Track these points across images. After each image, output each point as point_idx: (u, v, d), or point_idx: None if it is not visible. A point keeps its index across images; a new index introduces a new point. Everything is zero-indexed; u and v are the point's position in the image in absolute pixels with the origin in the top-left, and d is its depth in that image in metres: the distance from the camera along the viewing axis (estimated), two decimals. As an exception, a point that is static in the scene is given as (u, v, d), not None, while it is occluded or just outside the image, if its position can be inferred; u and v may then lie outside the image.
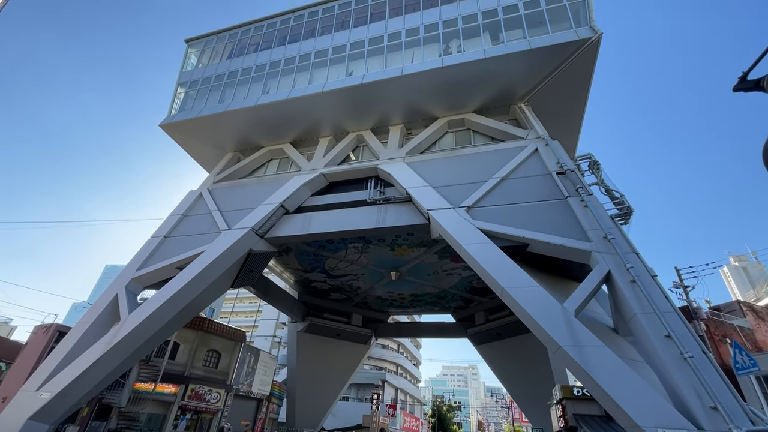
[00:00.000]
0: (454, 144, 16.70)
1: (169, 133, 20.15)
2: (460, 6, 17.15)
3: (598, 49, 14.39)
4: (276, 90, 18.42)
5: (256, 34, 21.24)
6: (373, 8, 19.14)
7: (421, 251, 19.05)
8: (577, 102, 16.68)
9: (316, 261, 21.16)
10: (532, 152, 13.85)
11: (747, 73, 2.85)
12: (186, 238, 16.17)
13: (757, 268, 73.75)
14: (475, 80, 15.87)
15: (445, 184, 13.98)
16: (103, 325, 13.44)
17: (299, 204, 16.55)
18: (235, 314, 61.27)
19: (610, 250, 9.93)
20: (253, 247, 15.45)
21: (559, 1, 15.39)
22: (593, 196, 11.56)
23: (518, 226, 11.56)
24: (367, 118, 17.96)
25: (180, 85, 21.06)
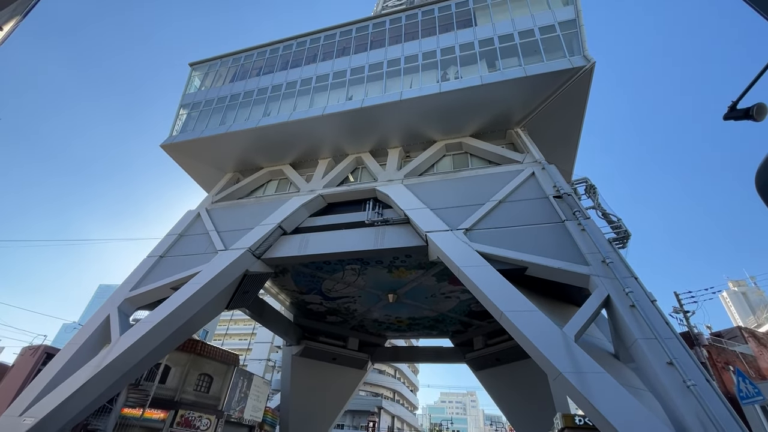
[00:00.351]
0: (452, 167, 16.88)
1: (170, 153, 20.33)
2: (457, 35, 17.74)
3: (591, 76, 14.81)
4: (277, 113, 18.75)
5: (258, 58, 21.81)
6: (373, 36, 19.77)
7: (419, 273, 18.91)
8: (573, 127, 17.02)
9: (312, 282, 20.94)
10: (529, 176, 14.00)
11: (736, 103, 2.93)
12: (182, 258, 16.04)
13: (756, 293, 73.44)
14: (472, 105, 16.23)
15: (443, 207, 14.04)
16: (93, 347, 13.11)
17: (297, 225, 16.53)
18: (229, 336, 60.02)
19: (609, 275, 9.89)
20: (249, 268, 15.31)
21: (552, 31, 15.95)
22: (590, 219, 11.61)
23: (516, 249, 11.55)
24: (366, 140, 18.22)
25: (182, 107, 21.42)
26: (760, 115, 2.83)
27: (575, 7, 16.15)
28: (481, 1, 18.37)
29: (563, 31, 15.75)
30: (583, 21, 15.69)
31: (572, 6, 16.32)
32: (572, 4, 16.39)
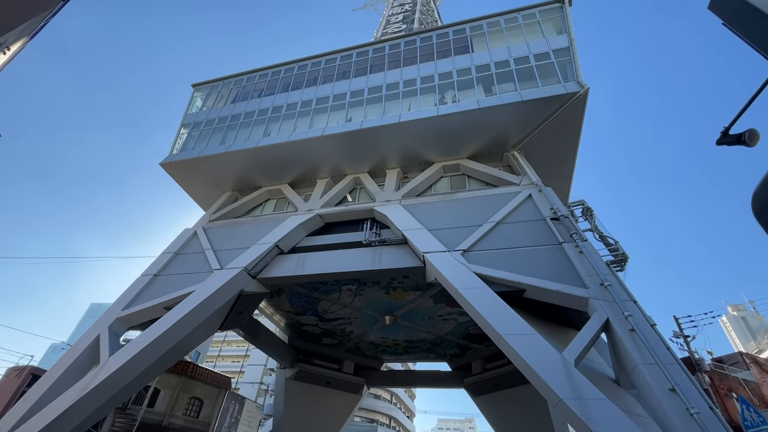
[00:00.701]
0: (450, 188, 17.00)
1: (169, 171, 20.42)
2: (454, 60, 18.24)
3: (585, 101, 15.16)
4: (277, 133, 18.98)
5: (260, 81, 22.26)
6: (373, 60, 20.30)
7: (416, 295, 18.71)
8: (568, 150, 17.29)
9: (308, 303, 20.64)
10: (526, 198, 14.09)
11: (728, 129, 3.00)
12: (177, 277, 15.84)
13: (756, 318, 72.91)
14: (469, 128, 16.50)
15: (441, 228, 14.04)
16: (81, 368, 12.75)
17: (294, 244, 16.45)
18: (222, 358, 58.64)
19: (608, 298, 9.81)
20: (244, 288, 15.11)
21: (547, 58, 16.43)
22: (588, 242, 11.62)
23: (514, 271, 11.48)
24: (365, 161, 18.40)
25: (183, 126, 21.67)
26: (752, 141, 2.88)
27: (569, 36, 16.72)
28: (478, 29, 19.00)
29: (557, 59, 16.23)
30: (577, 49, 16.20)
31: (566, 35, 16.89)
32: (566, 33, 16.97)
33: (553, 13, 18.09)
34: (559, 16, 17.82)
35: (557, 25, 17.78)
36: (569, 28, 16.95)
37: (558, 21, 17.81)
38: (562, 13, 17.75)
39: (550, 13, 18.17)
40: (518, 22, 18.37)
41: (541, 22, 17.92)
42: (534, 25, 18.05)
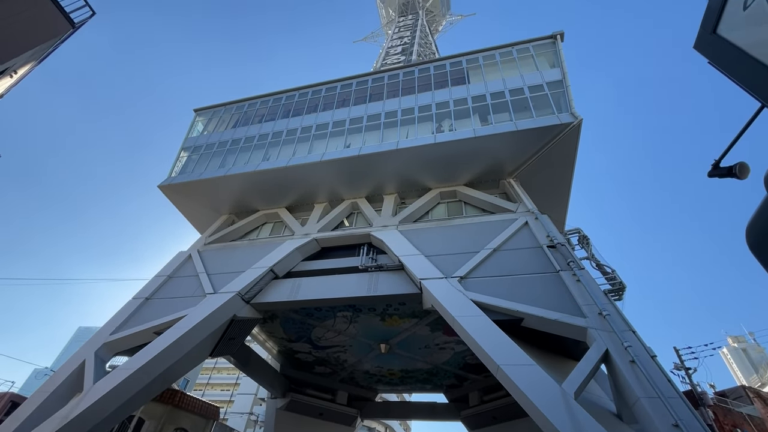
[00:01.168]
0: (447, 214, 17.06)
1: (167, 193, 20.44)
2: (451, 91, 18.77)
3: (579, 132, 15.52)
4: (276, 157, 19.19)
5: (262, 107, 22.74)
6: (372, 89, 20.86)
7: (412, 322, 18.37)
8: (563, 179, 17.53)
9: (302, 330, 20.18)
10: (522, 225, 14.14)
11: (719, 161, 3.07)
12: (169, 300, 15.53)
13: (757, 350, 71.93)
14: (465, 156, 16.78)
15: (438, 254, 13.98)
16: (64, 396, 12.22)
17: (290, 269, 16.27)
18: (211, 386, 56.65)
19: (606, 328, 9.67)
20: (237, 313, 14.80)
21: (541, 90, 16.95)
22: (585, 270, 11.58)
23: (512, 299, 11.36)
24: (363, 186, 18.54)
25: (183, 149, 21.89)
26: (743, 174, 2.94)
27: (561, 69, 17.34)
28: (474, 62, 19.69)
29: (551, 90, 16.74)
30: (570, 82, 16.76)
31: (558, 68, 17.51)
32: (558, 66, 17.61)
33: (546, 48, 18.83)
34: (552, 51, 18.55)
35: (550, 59, 18.47)
36: (562, 62, 17.61)
37: (551, 55, 18.52)
38: (554, 49, 18.49)
39: (543, 48, 18.92)
40: (513, 56, 19.08)
41: (534, 56, 18.62)
42: (528, 59, 18.74)
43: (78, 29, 8.84)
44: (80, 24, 9.20)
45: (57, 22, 8.55)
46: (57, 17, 8.60)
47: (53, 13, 8.43)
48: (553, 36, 18.87)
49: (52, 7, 8.31)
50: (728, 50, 2.81)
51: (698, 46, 3.23)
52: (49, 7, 8.19)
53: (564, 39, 18.61)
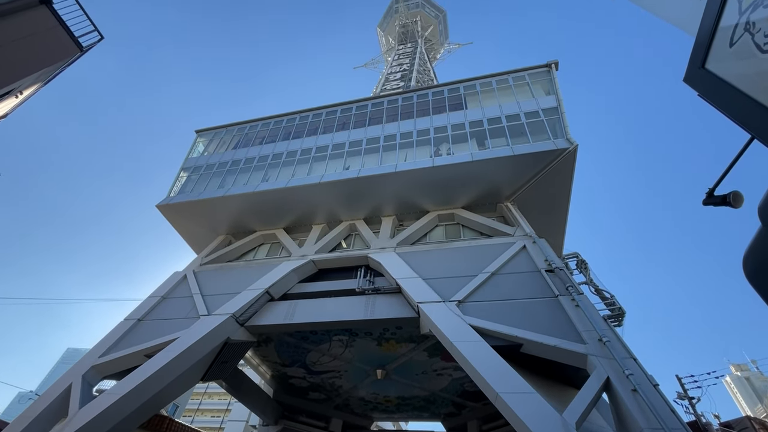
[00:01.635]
0: (444, 237, 17.06)
1: (165, 213, 20.41)
2: (449, 116, 19.16)
3: (575, 157, 15.75)
4: (276, 179, 19.32)
5: (263, 129, 23.07)
6: (371, 114, 21.27)
7: (409, 347, 18.01)
8: (560, 203, 17.67)
9: (297, 354, 19.73)
10: (520, 249, 14.13)
11: (713, 190, 3.12)
12: (162, 322, 15.23)
13: (760, 378, 70.64)
14: (463, 179, 16.94)
15: (436, 277, 13.88)
16: (48, 421, 11.78)
17: (286, 290, 16.07)
18: (201, 412, 54.80)
19: (607, 355, 9.50)
20: (231, 336, 14.49)
21: (537, 116, 17.32)
22: (584, 295, 11.49)
23: (511, 324, 11.20)
24: (361, 208, 18.60)
25: (183, 170, 22.03)
26: (737, 203, 2.98)
27: (556, 97, 17.78)
28: (471, 89, 20.20)
29: (547, 117, 17.11)
30: (565, 108, 17.15)
31: (554, 96, 17.96)
32: (553, 94, 18.07)
33: (541, 76, 19.39)
34: (547, 78, 19.09)
35: (545, 86, 18.98)
36: (557, 89, 18.08)
37: (546, 83, 19.04)
38: (549, 77, 19.03)
39: (538, 76, 19.48)
40: (509, 83, 19.60)
41: (530, 84, 19.14)
42: (524, 86, 19.25)
43: (85, 53, 9.09)
44: (88, 48, 9.45)
45: (65, 45, 8.80)
46: (65, 41, 8.86)
47: (62, 37, 8.70)
48: (548, 65, 19.47)
49: (61, 31, 8.58)
50: (717, 84, 2.91)
51: (688, 80, 3.34)
52: (59, 32, 8.46)
53: (558, 67, 19.18)
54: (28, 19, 7.92)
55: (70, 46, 8.81)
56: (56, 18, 8.74)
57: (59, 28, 8.71)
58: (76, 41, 9.06)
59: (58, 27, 8.70)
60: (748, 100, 2.56)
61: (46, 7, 8.46)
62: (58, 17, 8.81)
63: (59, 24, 8.75)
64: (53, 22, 8.65)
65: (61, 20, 8.89)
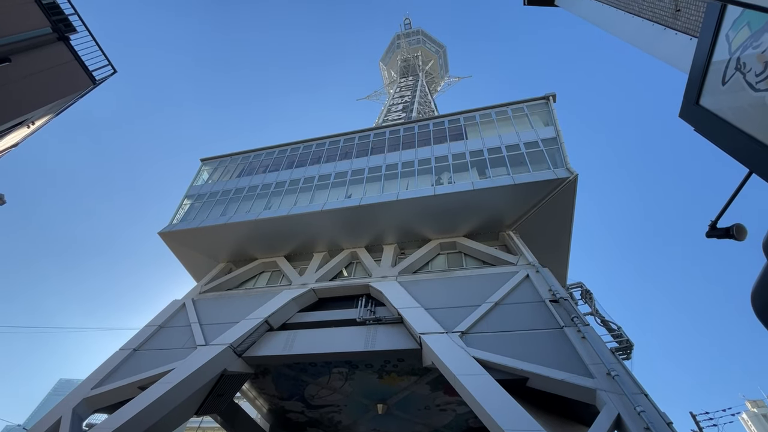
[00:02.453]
0: (447, 266, 16.92)
1: (167, 240, 20.43)
2: (450, 146, 19.51)
3: (575, 186, 15.86)
4: (278, 207, 19.45)
5: (267, 158, 23.48)
6: (374, 144, 21.69)
7: (411, 381, 17.42)
8: (562, 232, 17.62)
9: (295, 387, 19.10)
10: (524, 278, 13.96)
11: (715, 222, 3.12)
12: (157, 352, 14.88)
13: (779, 416, 67.53)
14: (464, 208, 17.01)
15: (438, 306, 13.65)
16: (32, 459, 11.27)
17: (285, 320, 15.79)
18: (193, 449, 52.26)
19: (616, 390, 9.16)
20: (228, 367, 14.09)
21: (536, 146, 17.61)
22: (590, 326, 11.22)
23: (515, 356, 10.88)
24: (363, 236, 18.58)
25: (187, 197, 22.24)
26: (740, 235, 2.97)
27: (555, 127, 18.15)
28: (471, 120, 20.67)
29: (546, 147, 17.38)
30: (564, 139, 17.45)
31: (552, 126, 18.34)
32: (552, 125, 18.45)
33: (539, 108, 19.88)
34: (546, 110, 19.56)
35: (544, 118, 19.42)
36: (555, 121, 18.49)
37: (545, 114, 19.50)
38: (547, 108, 19.51)
39: (537, 107, 19.98)
40: (508, 115, 20.08)
41: (529, 115, 19.60)
42: (522, 118, 19.70)
43: (98, 86, 9.44)
44: (101, 81, 9.85)
45: (79, 79, 9.17)
46: (80, 74, 9.24)
47: (77, 70, 9.08)
48: (546, 97, 20.01)
49: (76, 65, 8.97)
50: (712, 120, 2.98)
51: (683, 116, 3.42)
52: (74, 66, 8.84)
53: (556, 100, 19.69)
54: (46, 54, 8.30)
55: (84, 80, 9.18)
56: (72, 53, 9.18)
57: (74, 62, 9.12)
58: (89, 75, 9.46)
59: (73, 61, 9.11)
60: (743, 136, 2.61)
61: (63, 44, 8.92)
62: (74, 52, 9.25)
63: (75, 59, 9.18)
64: (69, 56, 9.07)
65: (77, 55, 9.33)
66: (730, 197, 2.95)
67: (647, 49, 4.89)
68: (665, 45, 4.29)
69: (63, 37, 9.01)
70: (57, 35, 8.74)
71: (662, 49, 4.35)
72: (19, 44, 7.56)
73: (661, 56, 4.37)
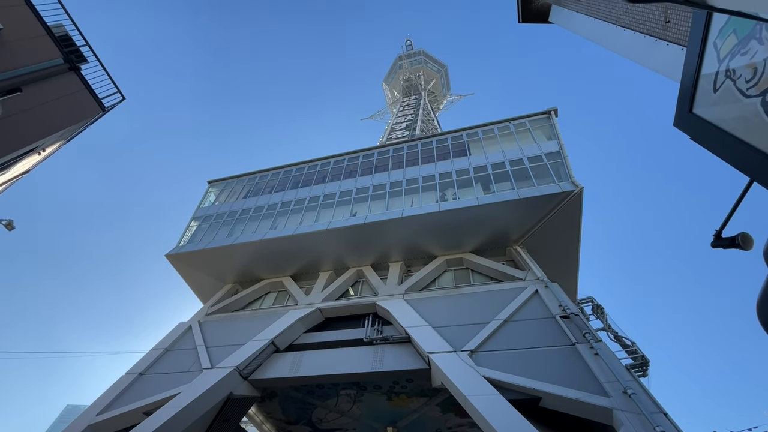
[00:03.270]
0: (454, 282, 16.71)
1: (174, 263, 20.53)
2: (453, 162, 19.58)
3: (581, 199, 15.72)
4: (284, 226, 19.53)
5: (272, 178, 23.76)
6: (378, 162, 21.86)
7: (421, 402, 16.96)
8: (570, 246, 17.37)
9: (302, 410, 18.69)
10: (533, 294, 13.70)
11: (720, 232, 3.03)
12: (164, 376, 14.73)
13: (810, 435, 64.01)
14: (470, 224, 16.91)
15: (446, 324, 13.40)
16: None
17: (291, 341, 15.61)
18: (200, 477, 50.92)
19: (634, 409, 8.79)
20: (234, 390, 13.88)
21: (540, 160, 17.59)
22: (602, 342, 10.90)
23: (527, 375, 10.56)
24: (368, 254, 18.50)
25: (194, 219, 22.47)
26: (746, 245, 2.88)
27: (558, 141, 18.15)
28: (474, 136, 20.80)
29: (550, 161, 17.36)
30: (567, 152, 17.42)
31: (555, 140, 18.35)
32: (555, 139, 18.47)
33: (541, 123, 19.96)
34: (548, 125, 19.63)
35: (547, 132, 19.46)
36: (558, 135, 18.51)
37: (547, 129, 19.55)
38: (550, 123, 19.59)
39: (539, 122, 20.06)
40: (510, 130, 20.18)
41: (531, 130, 19.67)
42: (525, 133, 19.77)
43: (107, 112, 9.74)
44: (110, 108, 10.17)
45: (89, 106, 9.48)
46: (90, 102, 9.57)
47: (87, 98, 9.41)
48: (548, 112, 20.11)
49: (86, 93, 9.30)
50: (706, 128, 2.95)
51: (678, 124, 3.40)
52: (84, 94, 9.16)
53: (558, 114, 19.78)
54: (58, 83, 8.63)
55: (93, 107, 9.49)
56: (83, 82, 9.53)
57: (85, 90, 9.46)
58: (99, 102, 9.79)
59: (83, 90, 9.45)
60: (739, 143, 2.57)
61: (74, 73, 9.28)
62: (84, 81, 9.61)
63: (85, 87, 9.53)
64: (80, 85, 9.41)
65: (87, 84, 9.69)
66: (733, 206, 2.88)
67: (641, 61, 4.92)
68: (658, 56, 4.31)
69: (74, 67, 9.41)
70: (68, 65, 9.14)
71: (655, 61, 4.37)
72: (32, 75, 7.88)
73: (654, 67, 4.39)
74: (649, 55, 4.65)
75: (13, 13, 8.19)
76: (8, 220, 9.90)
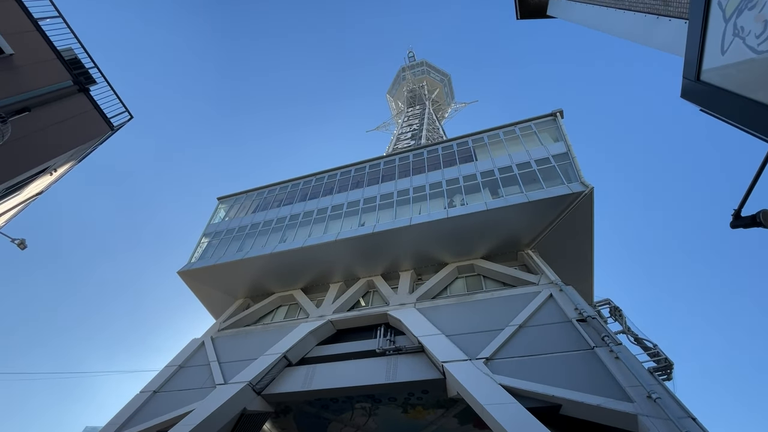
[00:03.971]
0: (466, 289, 16.42)
1: (186, 279, 20.67)
2: (460, 168, 19.46)
3: (592, 200, 15.41)
4: (293, 239, 19.56)
5: (281, 192, 23.94)
6: (384, 171, 21.88)
7: (438, 414, 16.52)
8: (584, 248, 16.97)
9: (317, 425, 18.35)
10: (547, 298, 13.35)
11: (739, 211, 2.86)
12: (177, 393, 14.66)
13: None
14: (479, 229, 16.68)
15: (459, 332, 13.11)
16: None
17: (303, 354, 15.44)
18: (218, 499, 50.21)
19: (660, 414, 8.38)
20: (247, 406, 13.71)
21: (548, 162, 17.36)
22: (623, 346, 10.49)
23: (545, 382, 10.20)
24: (378, 264, 18.36)
25: (205, 236, 22.68)
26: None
27: (565, 143, 17.93)
28: (480, 141, 20.71)
29: (558, 162, 17.12)
30: (575, 153, 17.17)
31: (562, 142, 18.13)
32: (562, 140, 18.25)
33: (547, 125, 19.79)
34: (554, 127, 19.44)
35: (553, 134, 19.27)
36: (564, 136, 18.30)
37: (553, 131, 19.36)
38: (556, 125, 19.40)
39: (544, 125, 19.90)
40: (516, 134, 20.04)
41: (537, 133, 19.50)
42: (531, 135, 19.61)
43: (116, 131, 9.98)
44: (119, 127, 10.44)
45: (98, 126, 9.75)
46: (99, 122, 9.84)
47: (96, 118, 9.67)
48: (553, 114, 19.95)
49: (95, 113, 9.56)
50: (718, 95, 2.80)
51: (685, 95, 3.25)
52: (93, 114, 9.42)
53: (563, 116, 19.59)
54: (67, 104, 8.90)
55: (102, 126, 9.75)
56: (92, 102, 9.81)
57: (94, 111, 9.74)
58: (107, 121, 10.05)
59: (92, 110, 9.73)
60: (753, 105, 2.41)
61: (83, 95, 9.57)
62: (93, 102, 9.89)
63: (94, 107, 9.81)
64: (89, 106, 9.70)
65: (96, 104, 9.98)
66: (752, 180, 2.70)
67: (645, 41, 4.80)
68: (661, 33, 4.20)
69: (83, 89, 9.72)
70: (78, 87, 9.44)
71: (659, 38, 4.25)
72: (43, 97, 8.14)
73: (659, 46, 4.27)
74: (651, 34, 4.53)
75: (26, 38, 8.55)
76: (20, 240, 10.14)
